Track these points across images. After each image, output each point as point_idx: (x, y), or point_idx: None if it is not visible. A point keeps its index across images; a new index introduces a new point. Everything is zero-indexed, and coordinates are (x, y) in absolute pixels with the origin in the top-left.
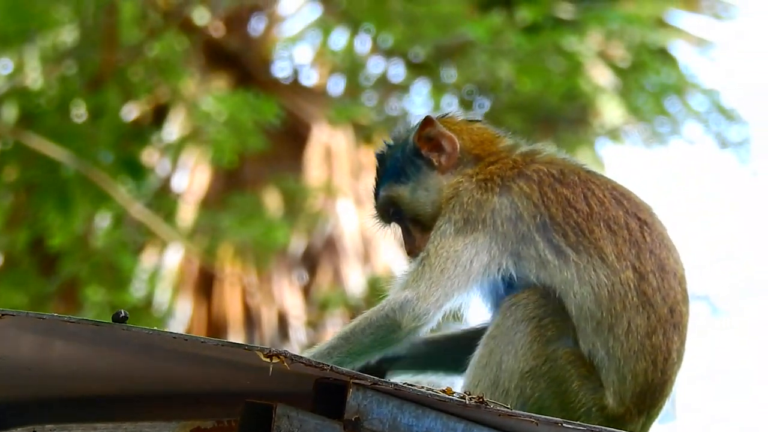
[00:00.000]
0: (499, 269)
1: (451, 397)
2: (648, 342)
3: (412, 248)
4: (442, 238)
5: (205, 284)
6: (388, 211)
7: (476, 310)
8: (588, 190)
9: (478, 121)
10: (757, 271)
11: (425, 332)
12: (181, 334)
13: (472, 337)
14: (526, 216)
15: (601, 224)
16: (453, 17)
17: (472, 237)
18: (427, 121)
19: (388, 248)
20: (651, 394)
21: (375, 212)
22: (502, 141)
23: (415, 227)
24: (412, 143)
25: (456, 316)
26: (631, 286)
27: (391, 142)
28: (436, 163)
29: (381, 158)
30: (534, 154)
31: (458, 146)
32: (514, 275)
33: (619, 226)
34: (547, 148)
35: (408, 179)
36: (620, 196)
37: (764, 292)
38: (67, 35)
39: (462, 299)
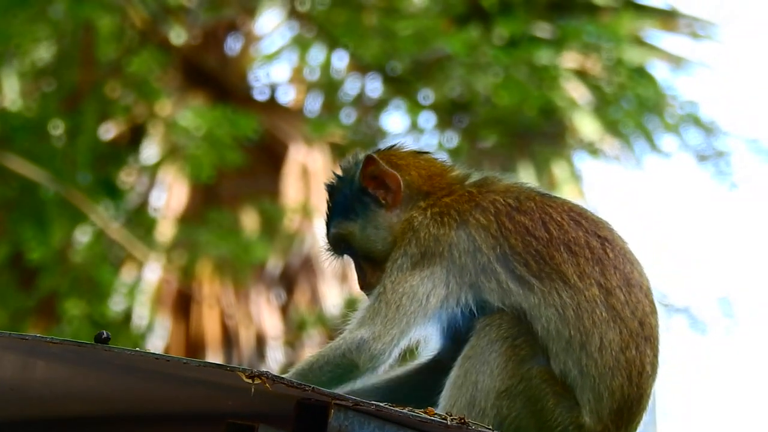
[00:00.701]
0: (457, 302)
1: (432, 417)
2: (622, 357)
3: (363, 283)
4: (398, 272)
5: (184, 303)
6: (340, 246)
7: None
8: (546, 215)
9: (426, 152)
10: (737, 282)
11: (383, 370)
12: (163, 355)
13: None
14: (484, 248)
15: (561, 248)
16: (430, 32)
17: (428, 271)
18: (369, 160)
19: None
20: (628, 409)
21: (327, 246)
22: (452, 171)
23: (366, 263)
24: (358, 182)
25: (415, 349)
26: (598, 302)
27: (341, 174)
28: (383, 201)
29: (331, 191)
30: (488, 184)
31: (401, 183)
32: (474, 307)
33: (579, 246)
34: (499, 176)
35: (357, 216)
36: (578, 216)
37: (744, 302)
38: (45, 53)
39: (419, 334)
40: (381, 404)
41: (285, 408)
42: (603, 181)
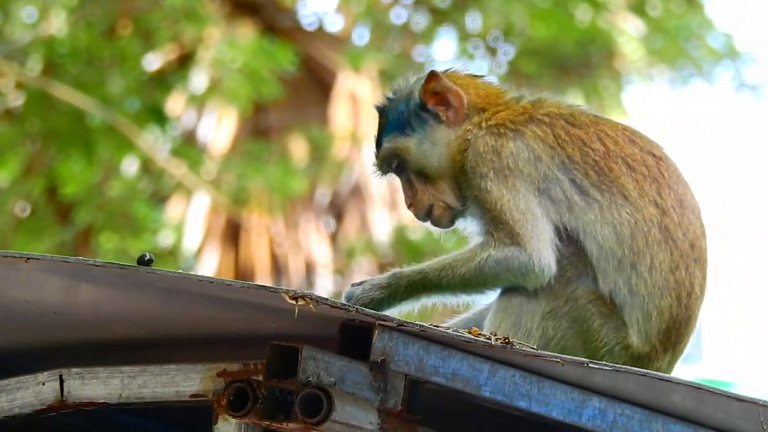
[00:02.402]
0: (546, 209)
1: (476, 338)
2: (671, 277)
3: (413, 201)
4: (488, 195)
5: (233, 233)
6: (391, 163)
7: None
8: (600, 131)
9: (482, 75)
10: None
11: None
12: (207, 277)
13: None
14: (544, 157)
15: (619, 162)
16: None
17: (509, 183)
18: (432, 76)
19: None
20: (676, 330)
21: (376, 162)
22: (507, 94)
23: (418, 179)
24: (418, 97)
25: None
26: (654, 222)
27: (392, 95)
28: (443, 117)
29: (382, 111)
30: (542, 101)
31: (465, 101)
32: (555, 221)
33: (636, 162)
34: (553, 96)
35: (414, 132)
36: (632, 135)
37: None
38: None
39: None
40: (425, 324)
41: (329, 329)
42: (649, 108)
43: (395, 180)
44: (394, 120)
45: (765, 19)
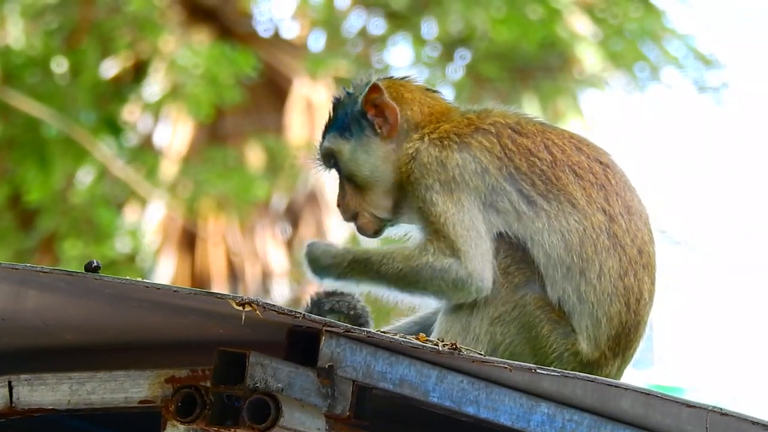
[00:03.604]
0: (491, 225)
1: (424, 344)
2: (620, 284)
3: (341, 202)
4: (433, 207)
5: (189, 240)
6: (329, 160)
7: None
8: (547, 140)
9: (436, 91)
10: (733, 209)
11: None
12: (154, 283)
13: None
14: (491, 169)
15: (567, 170)
16: None
17: (455, 198)
18: (374, 88)
19: None
20: (625, 336)
21: (318, 156)
22: (456, 112)
23: (349, 184)
24: (360, 104)
25: None
26: (603, 229)
27: (351, 90)
28: (378, 130)
29: (336, 105)
30: (487, 111)
31: (399, 118)
32: (503, 230)
33: (584, 170)
34: (499, 106)
35: (351, 137)
36: (579, 143)
37: (737, 228)
38: None
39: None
40: (372, 331)
41: (276, 335)
42: (607, 113)
43: (328, 173)
44: (340, 120)
45: (726, 21)
